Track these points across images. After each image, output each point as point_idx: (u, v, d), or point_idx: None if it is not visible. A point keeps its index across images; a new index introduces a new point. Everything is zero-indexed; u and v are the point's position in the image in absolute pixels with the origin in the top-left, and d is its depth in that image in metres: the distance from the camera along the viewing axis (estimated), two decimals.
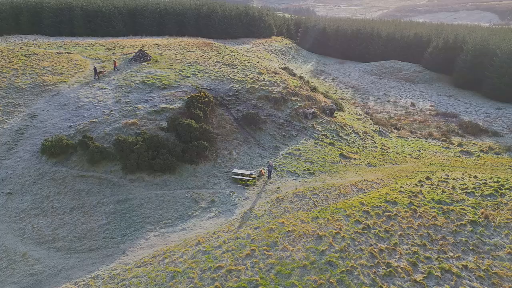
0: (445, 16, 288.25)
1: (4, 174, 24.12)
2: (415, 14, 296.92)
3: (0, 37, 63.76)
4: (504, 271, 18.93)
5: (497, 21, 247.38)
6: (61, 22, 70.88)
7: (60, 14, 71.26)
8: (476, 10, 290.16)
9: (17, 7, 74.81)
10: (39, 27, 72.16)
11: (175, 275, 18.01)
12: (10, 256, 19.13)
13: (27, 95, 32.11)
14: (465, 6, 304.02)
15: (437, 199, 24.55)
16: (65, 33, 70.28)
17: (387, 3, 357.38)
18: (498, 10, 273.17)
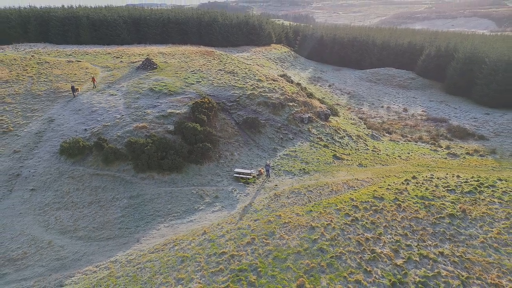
0: (443, 23, 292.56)
1: (27, 173, 26.75)
2: (413, 21, 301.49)
3: (10, 45, 66.87)
4: (476, 257, 21.46)
5: (494, 27, 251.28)
6: (68, 31, 73.99)
7: (67, 23, 74.41)
8: (473, 17, 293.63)
9: (25, 16, 78.07)
10: (46, 35, 75.35)
11: (184, 259, 20.55)
12: (38, 243, 21.68)
13: (44, 101, 34.87)
14: (462, 13, 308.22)
15: (420, 195, 27.18)
16: (71, 41, 73.36)
17: (385, 10, 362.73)
18: (495, 17, 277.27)
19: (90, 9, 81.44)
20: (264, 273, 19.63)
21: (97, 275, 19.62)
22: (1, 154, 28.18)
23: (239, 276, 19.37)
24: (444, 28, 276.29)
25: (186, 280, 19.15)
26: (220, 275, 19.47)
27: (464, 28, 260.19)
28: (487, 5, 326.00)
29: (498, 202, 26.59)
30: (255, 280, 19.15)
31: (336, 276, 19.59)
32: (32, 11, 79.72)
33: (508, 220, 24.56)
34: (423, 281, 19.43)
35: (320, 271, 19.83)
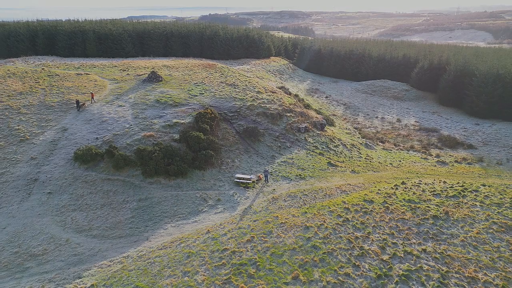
0: (440, 35, 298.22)
1: (44, 177, 29.19)
2: (412, 33, 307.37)
3: (19, 58, 70.03)
4: (456, 254, 23.71)
5: (491, 39, 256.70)
6: (75, 44, 77.36)
7: (73, 36, 77.86)
8: (471, 29, 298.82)
9: (33, 30, 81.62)
10: (54, 48, 78.70)
11: (190, 255, 22.82)
12: (56, 241, 23.99)
13: (57, 112, 37.56)
14: (460, 26, 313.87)
15: (408, 199, 29.54)
16: (78, 54, 76.65)
17: (384, 23, 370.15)
18: (492, 29, 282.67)
19: (96, 23, 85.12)
20: (263, 267, 21.88)
21: (111, 268, 21.88)
22: (20, 161, 30.69)
23: (240, 269, 21.61)
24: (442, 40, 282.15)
25: (192, 273, 21.39)
26: (223, 269, 21.72)
27: (461, 40, 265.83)
28: (484, 18, 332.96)
29: (480, 205, 28.94)
30: (254, 272, 21.39)
31: (328, 269, 21.83)
32: (40, 25, 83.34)
33: (487, 221, 26.88)
34: (406, 274, 21.66)
35: (313, 265, 22.08)
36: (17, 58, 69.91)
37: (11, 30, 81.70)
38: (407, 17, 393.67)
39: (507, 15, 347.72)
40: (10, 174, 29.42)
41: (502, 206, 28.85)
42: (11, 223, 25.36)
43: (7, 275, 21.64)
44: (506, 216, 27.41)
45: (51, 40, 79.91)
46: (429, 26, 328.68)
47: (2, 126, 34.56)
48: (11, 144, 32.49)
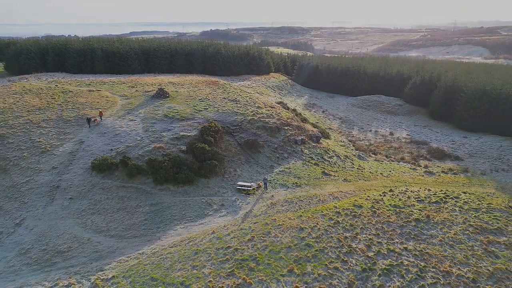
0: (438, 50, 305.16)
1: (65, 185, 32.64)
2: (409, 48, 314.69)
3: (31, 74, 74.31)
4: (434, 251, 26.90)
5: (488, 54, 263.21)
6: (83, 61, 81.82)
7: (82, 54, 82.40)
8: (467, 44, 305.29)
9: (44, 48, 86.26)
10: (63, 65, 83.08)
11: (197, 252, 26.04)
12: (79, 240, 27.27)
13: (74, 126, 41.29)
14: (457, 41, 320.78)
15: (394, 204, 32.87)
16: (86, 71, 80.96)
17: (382, 38, 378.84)
18: (488, 45, 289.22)
19: (103, 41, 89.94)
20: (262, 261, 25.08)
21: (128, 263, 25.10)
22: (42, 170, 34.21)
23: (242, 264, 24.81)
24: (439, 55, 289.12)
25: (200, 267, 24.59)
26: (227, 263, 24.91)
27: (459, 55, 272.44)
28: (481, 33, 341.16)
29: (459, 210, 32.27)
30: (254, 266, 24.58)
31: (319, 264, 25.02)
32: (50, 43, 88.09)
33: (464, 224, 30.17)
34: (388, 268, 24.85)
35: (306, 261, 25.27)
36: (29, 75, 74.11)
37: (23, 48, 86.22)
38: (405, 33, 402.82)
39: (503, 31, 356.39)
40: (34, 181, 32.88)
41: (479, 211, 32.17)
42: (38, 225, 28.69)
43: (38, 268, 24.85)
44: (482, 220, 30.71)
45: (61, 57, 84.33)
46: (427, 41, 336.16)
47: (25, 139, 38.21)
48: (33, 155, 36.07)
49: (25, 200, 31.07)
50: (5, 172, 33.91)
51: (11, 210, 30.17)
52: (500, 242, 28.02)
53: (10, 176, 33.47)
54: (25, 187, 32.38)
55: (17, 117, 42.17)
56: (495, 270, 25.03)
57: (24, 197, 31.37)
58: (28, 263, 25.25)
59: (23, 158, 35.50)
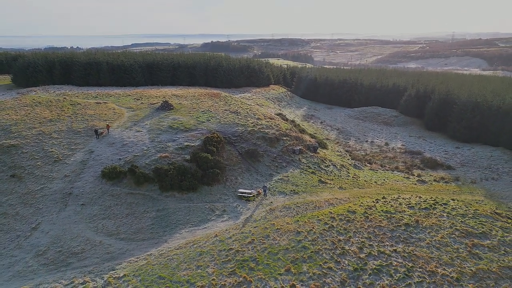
0: (436, 61, 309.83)
1: (77, 192, 35.02)
2: (408, 60, 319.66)
3: (39, 87, 77.32)
4: (421, 253, 29.06)
5: (486, 66, 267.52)
6: (89, 74, 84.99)
7: (88, 67, 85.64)
8: (465, 56, 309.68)
9: (51, 61, 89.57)
10: (69, 78, 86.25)
11: (201, 253, 28.24)
12: (91, 242, 29.51)
13: (83, 136, 43.86)
14: (455, 53, 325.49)
15: (385, 210, 35.12)
16: (91, 83, 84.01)
17: (381, 49, 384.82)
18: (486, 56, 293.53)
19: (108, 55, 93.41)
20: (261, 262, 27.27)
21: (138, 263, 27.30)
22: (55, 178, 36.63)
23: (243, 264, 26.99)
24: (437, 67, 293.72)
25: (204, 267, 26.78)
26: (229, 263, 27.10)
27: (457, 67, 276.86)
28: (479, 45, 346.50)
29: (447, 215, 34.51)
30: (254, 266, 26.77)
31: (314, 264, 27.21)
32: (57, 57, 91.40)
33: (451, 228, 32.39)
34: (378, 268, 27.03)
35: (302, 261, 27.46)
36: (37, 87, 77.12)
37: (30, 61, 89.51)
38: (403, 44, 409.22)
39: (501, 43, 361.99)
40: (48, 189, 35.27)
41: (466, 217, 34.42)
42: (53, 229, 30.97)
43: (54, 268, 27.06)
44: (468, 225, 32.95)
45: (67, 70, 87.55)
46: (425, 53, 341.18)
47: (38, 149, 40.74)
48: (47, 164, 38.54)
49: (40, 206, 33.40)
50: (20, 180, 36.34)
51: (27, 215, 32.49)
52: (484, 245, 30.21)
53: (26, 184, 35.88)
54: (40, 194, 34.76)
55: (30, 128, 44.80)
56: (478, 270, 27.19)
57: (39, 203, 33.71)
58: (45, 264, 27.47)
59: (37, 167, 37.97)
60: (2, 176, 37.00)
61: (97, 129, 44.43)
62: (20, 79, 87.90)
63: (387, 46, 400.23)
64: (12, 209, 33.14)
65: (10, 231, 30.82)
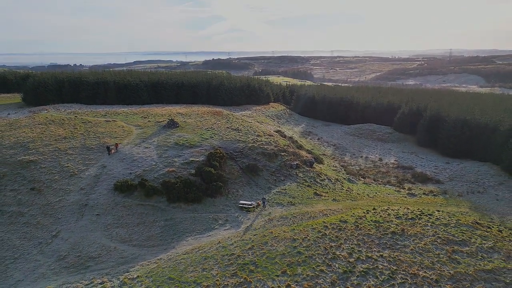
0: (434, 78, 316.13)
1: (93, 203, 38.62)
2: (407, 77, 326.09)
3: (49, 105, 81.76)
4: (405, 258, 32.33)
5: (483, 83, 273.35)
6: (97, 93, 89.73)
7: (96, 87, 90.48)
8: (463, 73, 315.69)
9: (60, 81, 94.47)
10: (77, 96, 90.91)
11: (206, 258, 31.57)
12: (107, 248, 32.93)
13: (96, 153, 47.76)
14: (453, 70, 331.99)
15: (375, 220, 38.51)
16: (99, 102, 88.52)
17: (380, 67, 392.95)
18: (483, 73, 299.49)
19: (115, 74, 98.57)
20: (260, 265, 30.59)
21: (149, 266, 30.66)
22: (72, 191, 40.31)
23: (243, 267, 30.30)
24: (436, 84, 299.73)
25: (209, 269, 30.10)
26: (231, 266, 30.42)
27: (455, 84, 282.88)
28: (477, 62, 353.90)
29: (431, 225, 37.88)
30: (254, 269, 30.09)
31: (308, 267, 30.51)
32: (66, 77, 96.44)
33: (433, 236, 35.72)
34: (365, 270, 30.30)
35: (297, 264, 30.76)
36: (47, 105, 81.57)
37: (40, 81, 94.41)
38: (402, 62, 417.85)
39: (498, 60, 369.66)
40: (66, 200, 38.90)
41: (448, 226, 37.79)
42: (71, 236, 34.44)
43: (74, 271, 30.42)
44: (449, 233, 36.30)
45: (76, 89, 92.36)
46: (423, 70, 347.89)
47: (55, 164, 44.58)
48: (63, 178, 42.29)
49: (59, 216, 36.97)
50: (40, 193, 40.02)
51: (48, 225, 36.01)
52: (463, 251, 33.51)
53: (45, 196, 39.54)
54: (58, 205, 38.36)
55: (46, 145, 48.77)
56: (456, 273, 30.44)
57: (58, 213, 37.28)
58: (66, 267, 30.84)
59: (55, 181, 41.70)
60: (22, 189, 40.73)
61: (109, 146, 48.33)
62: (31, 98, 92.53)
63: (386, 63, 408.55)
64: (33, 219, 36.71)
65: (33, 239, 34.30)
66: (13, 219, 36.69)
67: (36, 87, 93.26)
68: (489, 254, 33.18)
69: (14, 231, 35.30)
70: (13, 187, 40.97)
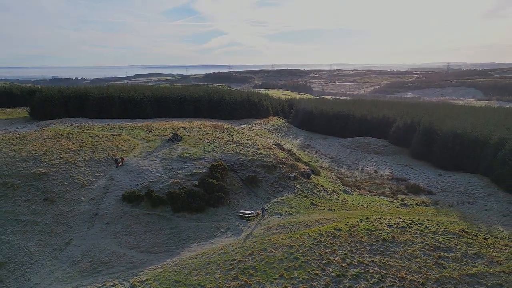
0: (432, 91, 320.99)
1: (102, 212, 41.36)
2: (405, 90, 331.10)
3: (56, 119, 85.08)
4: (394, 263, 34.87)
5: (481, 96, 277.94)
6: (102, 108, 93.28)
7: (101, 102, 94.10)
8: (461, 86, 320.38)
9: (66, 96, 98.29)
10: (83, 111, 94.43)
11: (209, 262, 34.15)
12: (116, 254, 35.54)
13: (104, 165, 50.70)
14: (451, 83, 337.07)
15: (367, 228, 41.16)
16: (104, 116, 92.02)
17: (379, 80, 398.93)
18: (481, 87, 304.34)
19: (120, 90, 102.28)
20: (259, 269, 33.16)
21: (157, 270, 33.22)
22: (83, 201, 43.09)
23: (244, 271, 32.86)
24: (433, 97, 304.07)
25: (212, 273, 32.66)
26: (232, 271, 32.97)
27: (453, 97, 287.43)
28: (474, 76, 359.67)
29: (420, 233, 40.50)
30: (253, 273, 32.65)
31: (304, 271, 33.07)
32: (72, 92, 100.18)
33: (422, 243, 38.32)
34: (357, 274, 32.85)
35: (293, 269, 33.32)
36: (54, 120, 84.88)
37: (47, 96, 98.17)
38: (400, 75, 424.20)
39: (495, 73, 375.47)
40: (77, 210, 41.64)
41: (436, 234, 40.41)
42: (83, 243, 37.08)
43: (87, 275, 32.98)
44: (437, 240, 38.91)
45: (81, 104, 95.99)
46: (422, 83, 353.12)
47: (66, 176, 47.48)
48: (74, 189, 45.12)
49: (71, 224, 39.66)
50: (53, 203, 42.79)
51: (61, 233, 38.68)
52: (448, 257, 36.07)
53: (58, 206, 42.30)
54: (70, 214, 41.09)
55: (57, 158, 51.77)
56: (441, 277, 32.97)
57: (70, 222, 39.98)
58: (79, 271, 33.41)
59: (67, 192, 44.53)
60: (36, 199, 43.53)
61: (117, 159, 51.31)
62: (38, 112, 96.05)
63: (385, 77, 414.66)
64: (47, 228, 39.40)
65: (48, 245, 36.93)
66: (28, 228, 39.38)
67: (43, 102, 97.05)
68: (473, 259, 35.73)
69: (29, 239, 37.95)
70: (27, 197, 43.78)
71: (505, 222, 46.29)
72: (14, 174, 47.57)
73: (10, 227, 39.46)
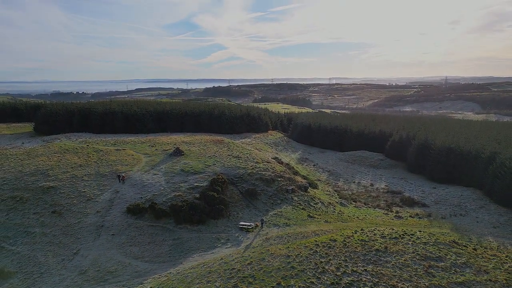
0: (431, 105, 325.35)
1: (108, 224, 43.49)
2: (404, 104, 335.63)
3: (61, 134, 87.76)
4: (386, 272, 36.82)
5: (479, 110, 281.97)
6: (105, 123, 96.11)
7: (104, 117, 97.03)
8: (459, 100, 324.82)
9: (71, 111, 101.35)
10: (87, 126, 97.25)
11: (210, 271, 36.11)
12: (122, 264, 37.53)
13: (109, 179, 53.03)
14: (449, 97, 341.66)
15: (361, 238, 43.18)
16: (107, 131, 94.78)
17: (378, 93, 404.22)
18: (479, 100, 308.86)
19: (123, 105, 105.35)
20: (258, 278, 35.11)
21: (160, 279, 35.19)
22: (89, 213, 45.26)
23: (243, 280, 34.80)
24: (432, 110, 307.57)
25: (213, 281, 34.62)
26: (232, 279, 34.92)
27: (451, 110, 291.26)
28: (472, 89, 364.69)
29: (412, 243, 42.54)
30: (252, 281, 34.60)
31: (300, 279, 35.01)
32: (76, 108, 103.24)
33: (413, 253, 40.34)
34: (350, 282, 34.80)
35: (290, 278, 35.26)
36: (59, 135, 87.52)
37: (53, 111, 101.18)
38: (399, 89, 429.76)
39: (493, 87, 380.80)
40: (84, 222, 43.78)
41: (427, 244, 42.43)
42: (90, 254, 39.11)
43: (95, 283, 34.94)
44: (428, 250, 40.93)
45: (85, 119, 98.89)
46: (420, 97, 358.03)
47: (73, 189, 49.76)
48: (81, 202, 47.35)
49: (78, 236, 41.74)
50: (60, 215, 44.95)
51: (69, 243, 40.74)
52: (438, 266, 38.04)
53: (65, 218, 44.45)
54: (77, 226, 43.21)
55: (64, 172, 54.14)
56: (430, 285, 34.91)
57: (77, 233, 42.07)
58: (87, 280, 35.37)
59: (74, 205, 46.74)
60: (44, 212, 45.71)
61: (119, 175, 53.65)
62: (42, 127, 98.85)
63: (383, 90, 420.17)
64: (56, 239, 41.47)
65: (56, 256, 38.94)
66: (38, 239, 41.45)
67: (48, 117, 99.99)
68: (462, 268, 37.72)
69: (39, 250, 39.99)
70: (36, 210, 45.97)
71: (495, 233, 48.34)
72: (23, 187, 49.86)
73: (20, 238, 41.55)
